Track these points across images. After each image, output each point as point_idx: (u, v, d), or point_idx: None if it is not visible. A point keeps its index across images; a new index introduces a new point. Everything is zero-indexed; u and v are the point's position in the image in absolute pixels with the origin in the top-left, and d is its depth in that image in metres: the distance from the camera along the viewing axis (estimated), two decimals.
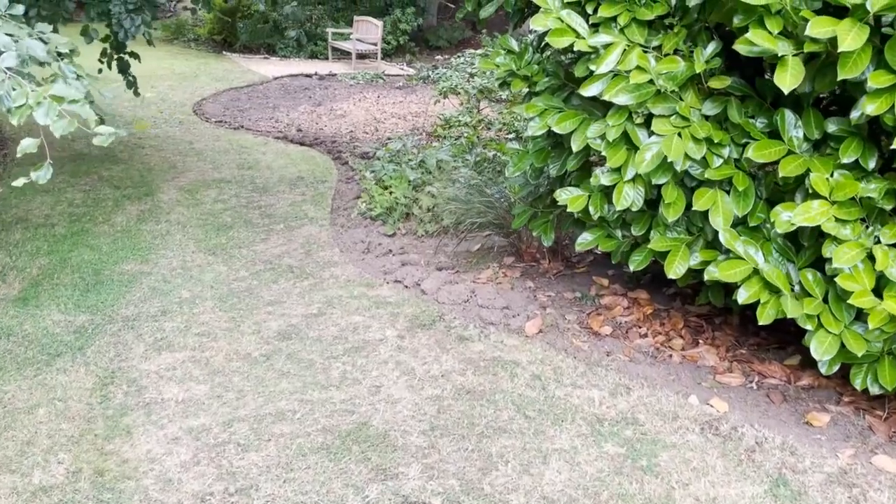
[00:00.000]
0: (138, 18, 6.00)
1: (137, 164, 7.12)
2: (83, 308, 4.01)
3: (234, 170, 7.13)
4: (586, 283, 4.32)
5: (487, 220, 4.51)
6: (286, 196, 6.40)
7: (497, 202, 4.59)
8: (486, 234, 4.96)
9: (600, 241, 3.27)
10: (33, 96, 3.01)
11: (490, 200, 4.50)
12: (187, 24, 15.61)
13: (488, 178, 5.27)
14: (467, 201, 4.72)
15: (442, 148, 6.57)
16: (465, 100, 8.75)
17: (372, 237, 5.31)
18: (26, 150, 2.90)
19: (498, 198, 4.70)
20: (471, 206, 4.58)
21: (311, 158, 7.73)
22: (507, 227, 4.60)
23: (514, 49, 3.53)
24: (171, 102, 9.98)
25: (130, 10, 5.96)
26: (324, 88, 11.77)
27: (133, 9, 5.97)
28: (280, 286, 4.39)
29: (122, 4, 5.88)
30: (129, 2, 5.92)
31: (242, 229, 5.50)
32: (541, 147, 3.45)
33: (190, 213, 5.83)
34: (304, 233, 5.45)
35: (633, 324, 3.73)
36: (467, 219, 4.58)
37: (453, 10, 17.24)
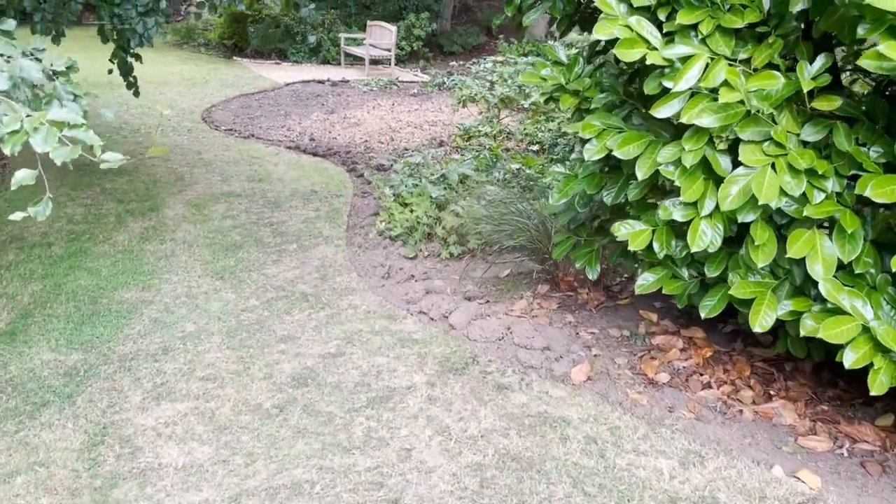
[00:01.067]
0: (151, 21, 5.57)
1: (143, 176, 6.70)
2: (76, 344, 3.57)
3: (244, 182, 6.70)
4: (633, 318, 3.86)
5: (519, 244, 4.06)
6: (299, 212, 5.96)
7: (530, 223, 4.13)
8: (517, 258, 4.50)
9: (664, 283, 2.81)
10: (29, 122, 2.58)
11: (522, 222, 4.04)
12: (197, 29, 15.22)
13: (517, 196, 4.82)
14: (497, 222, 4.27)
15: (464, 161, 6.12)
16: (485, 109, 8.31)
17: (392, 260, 4.86)
18: (21, 182, 2.45)
19: (531, 219, 4.24)
20: (501, 227, 4.12)
21: (325, 170, 7.29)
22: (542, 252, 4.14)
23: (562, 60, 3.07)
24: (180, 109, 9.57)
25: (142, 13, 5.53)
26: (336, 95, 11.34)
27: (144, 12, 5.54)
28: (294, 318, 3.95)
29: (133, 7, 5.45)
30: (140, 4, 5.49)
31: (253, 249, 5.06)
32: (592, 171, 3.00)
33: (197, 230, 5.40)
34: (318, 254, 5.01)
35: (692, 370, 3.27)
36: (497, 241, 4.13)
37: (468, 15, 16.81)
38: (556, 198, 3.15)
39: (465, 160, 6.23)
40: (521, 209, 4.35)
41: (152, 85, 10.82)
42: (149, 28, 5.34)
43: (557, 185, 3.16)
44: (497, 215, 4.46)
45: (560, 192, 3.15)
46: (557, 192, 3.16)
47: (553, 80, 2.95)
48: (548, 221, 4.20)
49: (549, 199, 3.19)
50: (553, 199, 3.15)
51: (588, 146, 2.66)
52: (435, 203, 5.33)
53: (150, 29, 5.34)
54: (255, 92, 11.12)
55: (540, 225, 4.15)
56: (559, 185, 3.16)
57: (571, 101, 2.94)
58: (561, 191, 3.15)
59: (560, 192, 3.15)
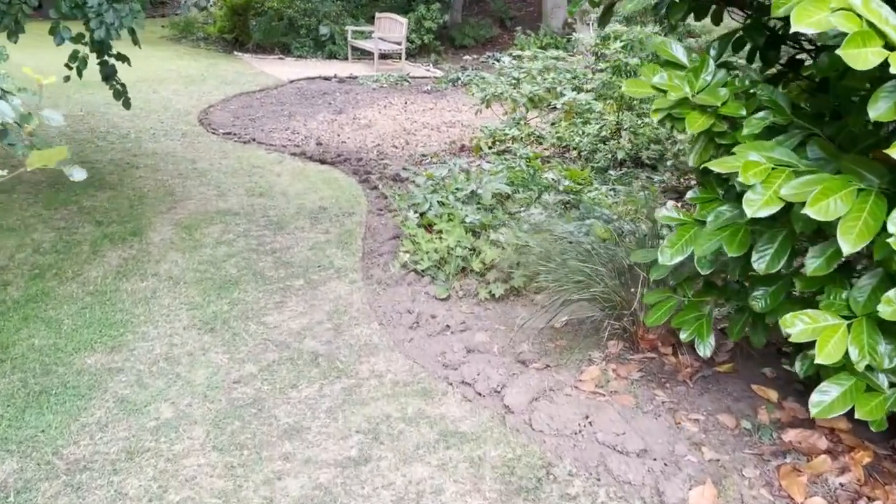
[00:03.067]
0: (124, 8, 4.58)
1: (128, 191, 5.75)
2: (13, 443, 2.63)
3: (243, 197, 5.75)
4: (744, 395, 2.91)
5: (592, 296, 3.11)
6: (306, 235, 5.01)
7: (604, 269, 3.18)
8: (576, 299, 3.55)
9: (858, 401, 1.85)
10: None
11: (594, 269, 3.09)
12: (197, 22, 14.22)
13: (578, 226, 3.87)
14: (555, 263, 3.31)
15: (497, 176, 5.16)
16: (511, 109, 7.33)
17: (420, 302, 3.91)
18: None
19: (602, 259, 3.29)
20: (566, 273, 3.17)
21: (335, 181, 6.33)
22: (616, 302, 3.19)
23: (682, 61, 2.11)
24: (174, 111, 8.60)
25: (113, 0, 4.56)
26: (344, 93, 10.36)
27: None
28: (301, 394, 3.01)
29: None
30: None
31: (251, 287, 4.12)
32: (735, 224, 2.04)
33: (186, 261, 4.46)
34: (330, 293, 4.07)
35: (854, 489, 2.32)
36: (561, 293, 3.17)
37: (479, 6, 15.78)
38: (670, 254, 2.20)
39: (497, 172, 5.27)
40: (589, 248, 3.39)
41: (146, 83, 9.86)
42: (122, 16, 4.36)
43: (672, 238, 2.21)
44: (555, 254, 3.51)
45: (673, 248, 2.20)
46: (669, 248, 2.20)
47: (674, 92, 1.99)
48: (622, 256, 3.25)
49: (660, 256, 2.23)
50: (665, 256, 2.20)
51: (750, 196, 1.71)
52: (468, 228, 4.38)
53: (123, 17, 4.36)
54: (256, 90, 10.14)
55: (613, 269, 3.20)
56: (675, 238, 2.21)
57: (701, 121, 1.99)
58: (674, 245, 2.20)
59: (673, 247, 2.20)
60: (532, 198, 4.91)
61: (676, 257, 2.20)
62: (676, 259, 2.21)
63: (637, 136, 6.11)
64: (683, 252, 2.20)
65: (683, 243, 2.20)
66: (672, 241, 2.22)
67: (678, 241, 2.22)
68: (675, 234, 2.23)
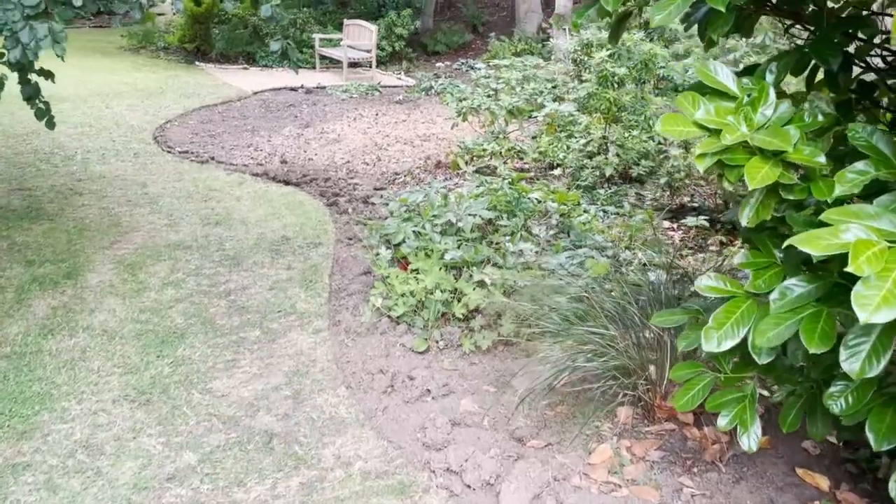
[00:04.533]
0: (42, 28, 3.94)
1: (68, 222, 5.10)
2: None
3: (197, 227, 5.12)
4: (786, 481, 2.39)
5: (607, 368, 2.56)
6: (266, 271, 4.42)
7: (613, 327, 2.64)
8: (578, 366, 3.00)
9: None
10: None
11: (608, 335, 2.54)
12: (157, 31, 13.47)
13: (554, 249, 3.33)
14: (559, 323, 2.77)
15: (478, 200, 4.60)
16: (489, 121, 6.79)
17: (395, 357, 3.35)
18: None
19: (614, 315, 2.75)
20: (574, 338, 2.62)
21: (300, 205, 5.73)
22: (629, 367, 2.66)
23: (732, 90, 1.58)
24: (128, 127, 7.91)
25: (30, 16, 3.91)
26: (312, 105, 9.74)
27: (34, 14, 3.92)
28: (249, 495, 2.42)
29: (18, 8, 3.84)
30: (27, 5, 3.88)
31: (199, 340, 3.52)
32: (813, 309, 1.51)
33: (125, 309, 3.84)
34: (290, 346, 3.48)
35: None
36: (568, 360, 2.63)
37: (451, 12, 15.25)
38: (716, 341, 1.66)
39: (478, 197, 4.71)
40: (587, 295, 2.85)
41: (98, 98, 9.15)
42: (39, 38, 3.73)
43: (719, 318, 1.67)
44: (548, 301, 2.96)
45: (721, 330, 1.66)
46: (716, 329, 1.67)
47: (729, 132, 1.45)
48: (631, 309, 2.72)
49: (703, 342, 1.69)
50: (710, 343, 1.66)
51: (862, 291, 1.17)
52: (448, 265, 3.82)
53: (40, 40, 3.73)
54: (217, 103, 9.48)
55: (620, 323, 2.66)
56: (719, 316, 1.67)
57: (765, 171, 1.44)
58: (722, 325, 1.67)
59: (720, 328, 1.67)
60: (518, 225, 4.37)
61: (726, 342, 1.67)
62: (726, 345, 1.67)
63: (625, 151, 5.61)
64: (734, 335, 1.67)
65: (734, 324, 1.67)
66: (719, 320, 1.68)
67: (726, 319, 1.68)
68: (722, 312, 1.69)
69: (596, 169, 5.59)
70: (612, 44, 2.03)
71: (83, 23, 14.57)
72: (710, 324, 1.69)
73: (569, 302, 3.07)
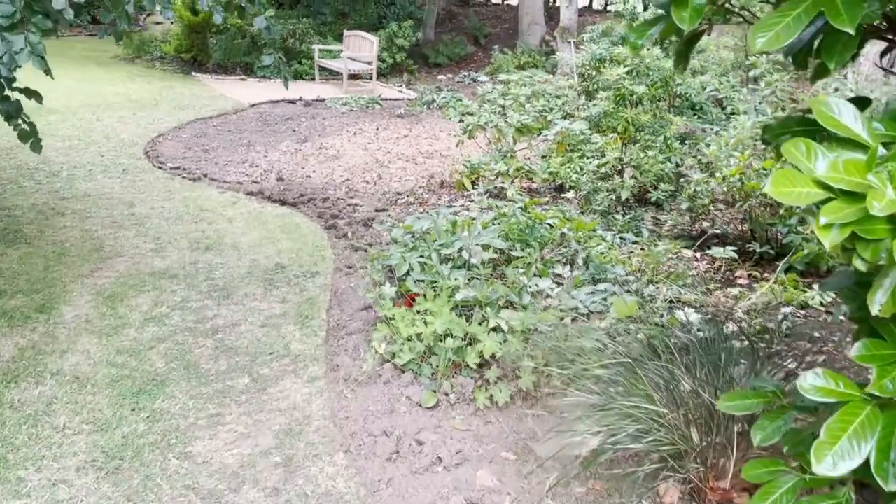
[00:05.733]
0: (18, 40, 3.55)
1: (46, 246, 4.68)
2: None
3: (185, 252, 4.72)
4: None
5: (652, 447, 2.16)
6: (258, 305, 4.01)
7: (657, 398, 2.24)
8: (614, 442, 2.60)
9: None
10: None
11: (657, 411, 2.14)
12: (154, 41, 13.09)
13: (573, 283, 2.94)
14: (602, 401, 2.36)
15: (490, 227, 4.20)
16: (496, 139, 6.41)
17: (400, 414, 2.94)
18: None
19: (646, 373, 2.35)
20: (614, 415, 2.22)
21: (296, 228, 5.33)
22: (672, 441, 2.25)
23: (863, 138, 1.18)
24: (118, 141, 7.51)
25: (5, 27, 3.52)
26: (311, 118, 9.35)
27: (10, 25, 3.53)
28: None
29: None
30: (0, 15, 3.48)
31: (180, 390, 3.11)
32: None
33: (101, 349, 3.43)
34: (283, 398, 3.07)
35: None
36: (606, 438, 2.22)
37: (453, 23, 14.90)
38: (831, 460, 1.27)
39: (488, 225, 4.31)
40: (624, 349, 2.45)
41: (89, 109, 8.75)
42: (15, 51, 3.33)
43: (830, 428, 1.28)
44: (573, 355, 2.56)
45: (835, 445, 1.26)
46: (829, 445, 1.27)
47: (876, 197, 1.06)
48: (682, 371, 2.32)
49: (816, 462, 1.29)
50: (824, 465, 1.27)
51: None
52: (459, 305, 3.41)
53: (16, 53, 3.34)
54: (213, 115, 9.08)
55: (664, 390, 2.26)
56: (833, 426, 1.28)
57: None
58: (836, 438, 1.27)
59: (835, 442, 1.27)
60: (532, 256, 3.97)
61: (844, 462, 1.27)
62: (844, 467, 1.27)
63: (643, 173, 5.22)
64: (855, 453, 1.27)
65: (853, 438, 1.27)
66: (833, 432, 1.29)
67: (842, 431, 1.28)
68: (836, 421, 1.29)
69: (611, 192, 5.20)
70: (678, 69, 1.65)
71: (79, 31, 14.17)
72: (821, 437, 1.29)
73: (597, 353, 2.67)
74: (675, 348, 2.43)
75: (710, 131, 5.80)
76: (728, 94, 5.64)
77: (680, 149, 5.41)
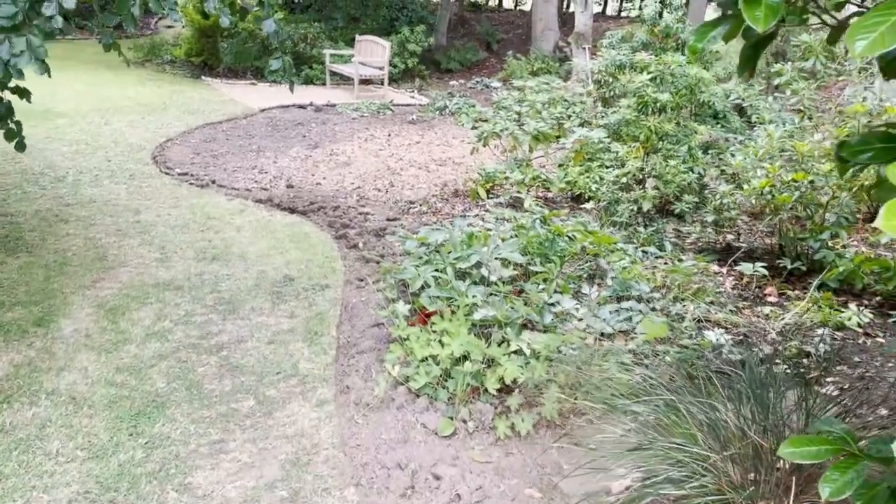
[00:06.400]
0: (20, 42, 3.38)
1: (48, 255, 4.51)
2: None
3: (191, 262, 4.54)
4: None
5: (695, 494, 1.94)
6: (265, 320, 3.82)
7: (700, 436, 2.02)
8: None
9: None
10: None
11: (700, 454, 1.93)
12: (165, 45, 12.98)
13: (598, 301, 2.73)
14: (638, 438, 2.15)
15: (507, 241, 4.00)
16: (511, 147, 6.21)
17: (415, 443, 2.74)
18: None
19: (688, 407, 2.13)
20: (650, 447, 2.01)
21: (305, 237, 5.14)
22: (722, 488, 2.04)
23: None
24: (126, 146, 7.35)
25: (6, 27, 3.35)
26: (321, 123, 9.18)
27: (11, 27, 3.36)
28: None
29: None
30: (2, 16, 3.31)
31: (181, 412, 2.92)
32: None
33: (100, 366, 3.24)
34: (290, 424, 2.88)
35: None
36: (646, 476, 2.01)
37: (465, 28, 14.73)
38: None
39: (506, 238, 4.11)
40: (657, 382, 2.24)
41: (98, 113, 8.61)
42: (15, 53, 3.16)
43: None
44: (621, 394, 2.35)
45: None
46: None
47: None
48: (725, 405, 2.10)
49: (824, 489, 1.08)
50: None
51: None
52: (478, 324, 3.21)
53: (17, 55, 3.17)
54: (222, 120, 8.92)
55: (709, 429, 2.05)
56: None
57: None
58: None
59: None
60: (553, 272, 3.76)
61: None
62: None
63: (665, 184, 5.00)
64: None
65: None
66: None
67: None
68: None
69: (633, 203, 4.98)
70: (743, 76, 1.45)
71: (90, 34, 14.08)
72: None
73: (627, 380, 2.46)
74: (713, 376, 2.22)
75: (733, 140, 5.58)
76: (753, 102, 5.41)
77: (703, 158, 5.20)
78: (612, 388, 2.54)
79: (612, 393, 2.45)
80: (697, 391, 2.17)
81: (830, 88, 6.71)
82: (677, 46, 5.84)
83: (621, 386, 2.43)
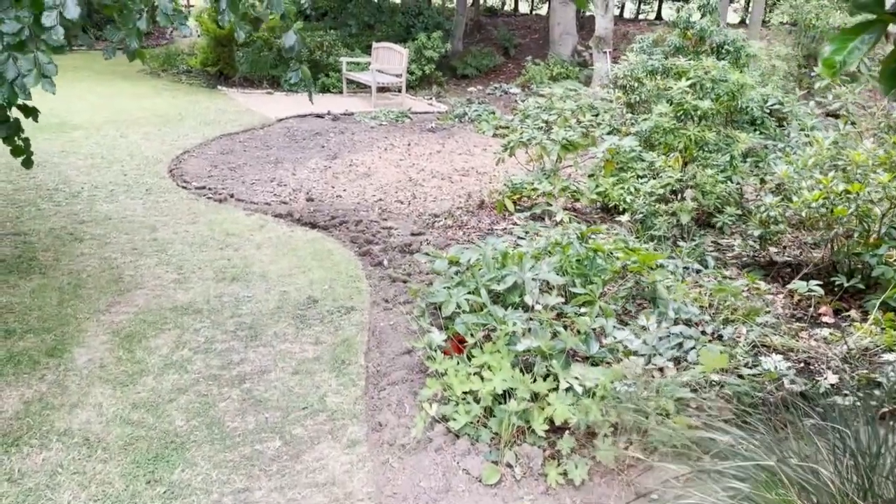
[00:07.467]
0: (27, 60, 3.16)
1: (62, 277, 4.30)
2: None
3: (210, 283, 4.31)
4: None
5: None
6: (289, 347, 3.58)
7: None
8: None
9: None
10: None
11: None
12: (181, 54, 12.83)
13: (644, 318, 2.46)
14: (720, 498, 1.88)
15: (543, 261, 3.73)
16: (538, 156, 5.94)
17: (457, 495, 2.47)
18: None
19: None
20: None
21: (328, 255, 4.90)
22: None
23: None
24: (142, 159, 7.16)
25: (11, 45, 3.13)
26: (339, 133, 8.96)
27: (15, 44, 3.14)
28: None
29: None
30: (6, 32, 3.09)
31: (201, 456, 2.68)
32: None
33: (115, 402, 3.01)
34: (319, 469, 2.62)
35: None
36: None
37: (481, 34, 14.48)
38: None
39: (539, 255, 3.84)
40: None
41: (113, 125, 8.44)
42: (22, 73, 2.94)
43: None
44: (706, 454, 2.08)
45: None
46: None
47: None
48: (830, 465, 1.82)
49: None
50: None
51: None
52: (521, 355, 2.94)
53: (24, 75, 2.95)
54: (239, 131, 8.72)
55: None
56: None
57: None
58: None
59: None
60: (595, 293, 3.48)
61: None
62: None
63: (705, 196, 4.71)
64: None
65: None
66: None
67: None
68: None
69: (672, 216, 4.70)
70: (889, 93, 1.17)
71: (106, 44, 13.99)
72: None
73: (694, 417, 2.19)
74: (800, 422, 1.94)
75: (772, 148, 5.28)
76: (794, 108, 5.11)
77: (742, 167, 4.90)
78: (672, 431, 2.26)
79: (682, 442, 2.18)
80: (774, 432, 1.89)
81: (874, 91, 6.39)
82: (712, 50, 5.55)
83: (686, 432, 2.15)
